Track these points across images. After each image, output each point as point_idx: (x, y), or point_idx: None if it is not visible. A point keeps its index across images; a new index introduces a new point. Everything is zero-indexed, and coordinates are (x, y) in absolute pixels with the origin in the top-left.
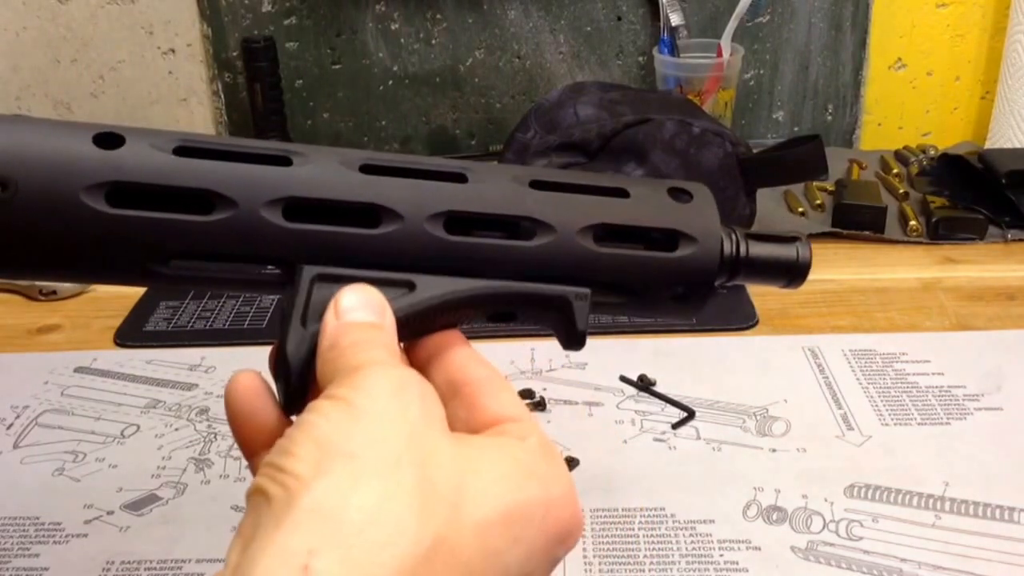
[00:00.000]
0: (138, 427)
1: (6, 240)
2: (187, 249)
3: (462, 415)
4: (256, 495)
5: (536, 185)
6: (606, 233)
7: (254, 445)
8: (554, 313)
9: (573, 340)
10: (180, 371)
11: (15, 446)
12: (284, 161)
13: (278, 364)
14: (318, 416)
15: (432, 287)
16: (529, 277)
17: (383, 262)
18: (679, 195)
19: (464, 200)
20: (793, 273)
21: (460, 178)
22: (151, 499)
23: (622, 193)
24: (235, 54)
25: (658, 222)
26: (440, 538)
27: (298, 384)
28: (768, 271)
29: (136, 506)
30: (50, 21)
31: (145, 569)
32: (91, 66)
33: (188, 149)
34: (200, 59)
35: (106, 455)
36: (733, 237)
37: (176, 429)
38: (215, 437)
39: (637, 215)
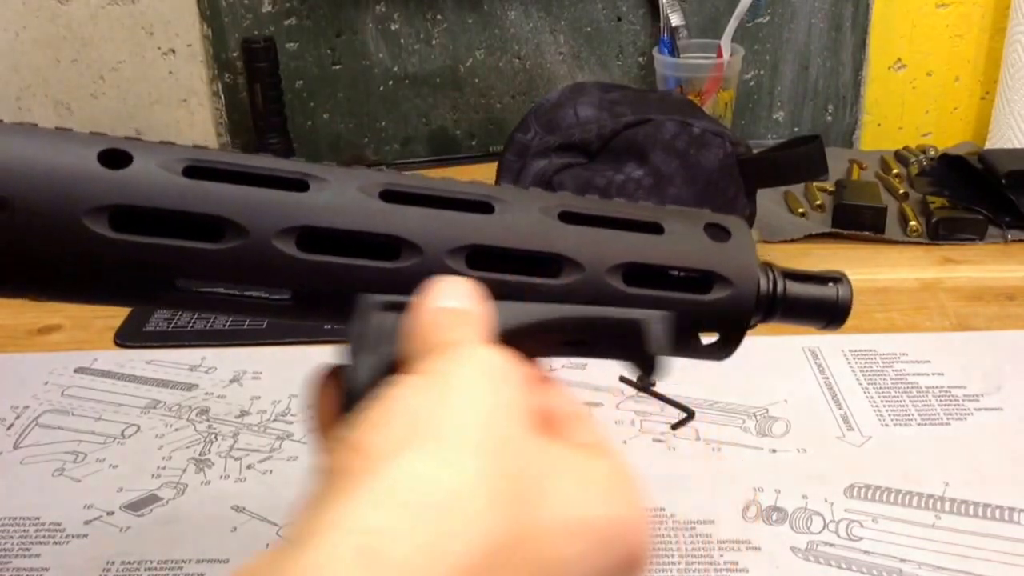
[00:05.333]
0: (138, 427)
1: (2, 261)
2: (194, 276)
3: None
4: (324, 468)
5: (566, 218)
6: (636, 272)
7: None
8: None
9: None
10: (180, 371)
11: (15, 446)
12: (300, 185)
13: (347, 393)
14: (402, 390)
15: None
16: None
17: (402, 294)
18: (716, 232)
19: (488, 234)
20: (832, 315)
21: (486, 208)
22: (151, 499)
23: (656, 228)
24: (235, 55)
25: (692, 263)
26: (512, 534)
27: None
28: (806, 312)
29: (136, 506)
30: (50, 21)
31: (145, 569)
32: (91, 66)
33: (199, 169)
34: (200, 60)
35: (106, 455)
36: (770, 275)
37: (176, 429)
38: (215, 437)
39: (670, 255)
